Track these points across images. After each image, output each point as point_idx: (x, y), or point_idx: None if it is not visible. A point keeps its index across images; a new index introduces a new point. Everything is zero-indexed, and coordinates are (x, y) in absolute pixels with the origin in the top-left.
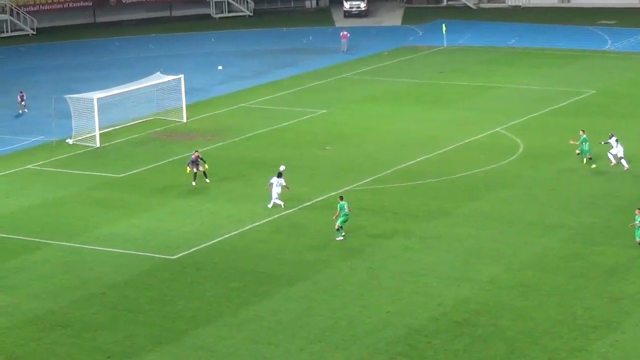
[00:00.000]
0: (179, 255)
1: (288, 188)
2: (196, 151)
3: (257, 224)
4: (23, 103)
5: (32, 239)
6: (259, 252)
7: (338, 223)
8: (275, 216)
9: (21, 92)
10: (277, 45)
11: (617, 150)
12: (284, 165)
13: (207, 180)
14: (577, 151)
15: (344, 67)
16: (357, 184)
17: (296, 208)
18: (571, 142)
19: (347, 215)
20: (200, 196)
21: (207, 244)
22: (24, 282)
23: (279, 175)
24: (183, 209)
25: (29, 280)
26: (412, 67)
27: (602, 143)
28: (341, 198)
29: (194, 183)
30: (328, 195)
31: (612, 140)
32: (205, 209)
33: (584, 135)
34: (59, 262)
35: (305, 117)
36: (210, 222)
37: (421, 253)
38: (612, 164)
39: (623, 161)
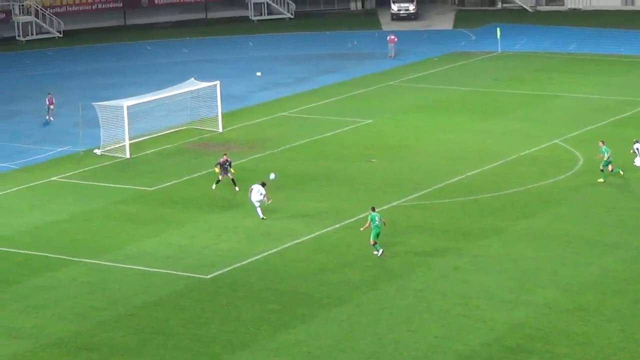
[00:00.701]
0: (213, 275)
1: (268, 200)
2: (225, 154)
3: (297, 241)
4: (52, 107)
5: (57, 256)
6: (298, 271)
7: (372, 238)
8: (317, 233)
9: (50, 94)
10: (320, 50)
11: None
12: (274, 174)
13: (237, 189)
14: (602, 167)
15: (391, 73)
16: (404, 200)
17: (339, 225)
18: (598, 157)
19: (379, 227)
20: (237, 211)
21: (244, 262)
22: (49, 302)
23: (263, 184)
24: (218, 225)
25: (53, 301)
26: (463, 74)
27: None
28: (373, 209)
29: (213, 186)
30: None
31: (637, 147)
32: (242, 225)
33: (604, 146)
34: (85, 281)
35: (349, 128)
36: (247, 240)
37: (473, 274)
38: None
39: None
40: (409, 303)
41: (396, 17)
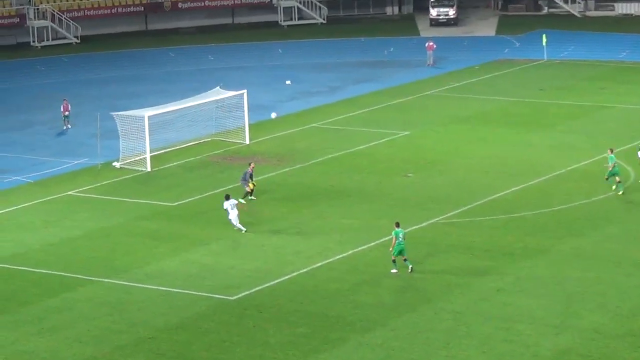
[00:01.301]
0: (239, 296)
1: (243, 204)
2: (251, 163)
3: (328, 260)
4: (67, 113)
5: (73, 275)
6: (330, 293)
7: (393, 254)
8: (350, 252)
9: (65, 100)
10: (354, 57)
11: None
12: (275, 113)
13: (254, 198)
14: (612, 178)
15: (430, 82)
16: (443, 217)
17: (373, 243)
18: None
19: (402, 244)
20: (265, 228)
21: (272, 283)
22: (64, 324)
23: (227, 197)
24: (244, 243)
25: (69, 322)
26: (507, 83)
27: None
28: (397, 224)
29: (242, 200)
30: (410, 228)
31: None
32: (270, 243)
33: (612, 154)
34: (103, 302)
35: (384, 140)
36: (276, 259)
37: (515, 296)
38: None
39: None
40: (447, 327)
41: (435, 23)
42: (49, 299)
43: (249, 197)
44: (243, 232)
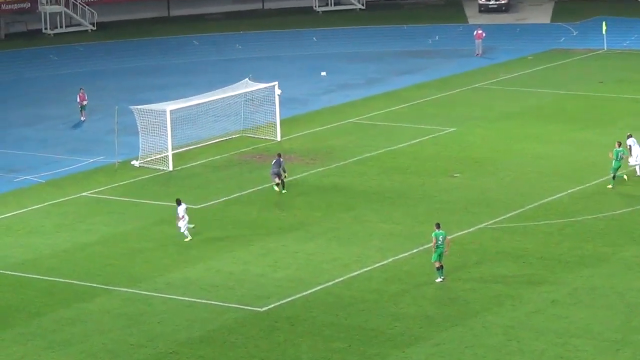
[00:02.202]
0: (269, 307)
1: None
2: (279, 154)
3: (367, 269)
4: (84, 103)
5: (87, 284)
6: (369, 304)
7: (434, 259)
8: (390, 260)
9: (82, 89)
10: (395, 46)
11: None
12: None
13: (284, 190)
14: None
15: (478, 74)
16: (492, 221)
17: (416, 250)
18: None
19: (442, 247)
20: (297, 234)
21: (304, 293)
22: (78, 337)
23: (179, 202)
24: (275, 250)
25: (83, 336)
26: (563, 75)
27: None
28: (437, 226)
29: (278, 189)
30: (456, 234)
31: (631, 142)
32: (303, 250)
33: (620, 148)
34: (120, 313)
35: (428, 137)
36: (309, 267)
37: (572, 308)
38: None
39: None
40: (496, 342)
41: (485, 9)
42: (61, 309)
43: (282, 190)
44: (187, 240)
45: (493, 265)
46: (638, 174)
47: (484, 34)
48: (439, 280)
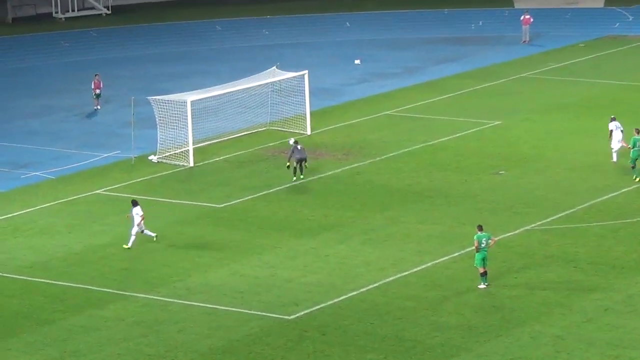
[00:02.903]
0: (297, 315)
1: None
2: (295, 140)
3: (404, 274)
4: (98, 91)
5: (101, 289)
6: (406, 312)
7: (476, 264)
8: (429, 264)
9: (97, 75)
10: (435, 32)
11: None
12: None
13: (301, 176)
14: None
15: (525, 63)
16: (540, 223)
17: (457, 254)
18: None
19: (486, 251)
20: (328, 235)
21: (336, 300)
22: (90, 346)
23: (134, 203)
24: (304, 253)
25: (96, 345)
26: (617, 64)
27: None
28: (480, 228)
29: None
30: (501, 236)
31: (613, 126)
32: (335, 252)
33: (638, 136)
34: (137, 321)
35: (471, 131)
36: (341, 271)
37: (626, 317)
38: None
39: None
40: (544, 354)
41: None
42: (73, 317)
43: (300, 176)
44: (128, 246)
45: (541, 271)
46: (614, 159)
47: (531, 19)
48: (482, 286)
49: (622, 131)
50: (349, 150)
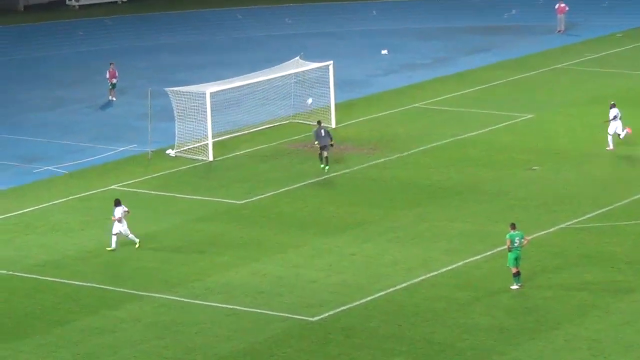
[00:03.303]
0: (321, 317)
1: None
2: (319, 121)
3: (433, 274)
4: (114, 81)
5: (116, 289)
6: (435, 314)
7: (509, 264)
8: (459, 264)
9: (112, 64)
10: (466, 21)
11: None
12: (311, 99)
13: (327, 167)
14: None
15: (560, 53)
16: (575, 221)
17: (489, 253)
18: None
19: (519, 250)
20: (354, 234)
21: (362, 301)
22: (104, 349)
23: (117, 203)
24: (329, 251)
25: (110, 347)
26: None
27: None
28: (513, 226)
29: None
30: (535, 235)
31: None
32: (361, 251)
33: None
34: (153, 322)
35: (503, 124)
36: (367, 270)
37: None
38: (609, 148)
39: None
40: (580, 357)
41: None
42: (86, 317)
43: (326, 167)
44: (111, 248)
45: (576, 271)
46: (611, 147)
47: (567, 8)
48: (515, 287)
49: (620, 118)
50: (376, 145)
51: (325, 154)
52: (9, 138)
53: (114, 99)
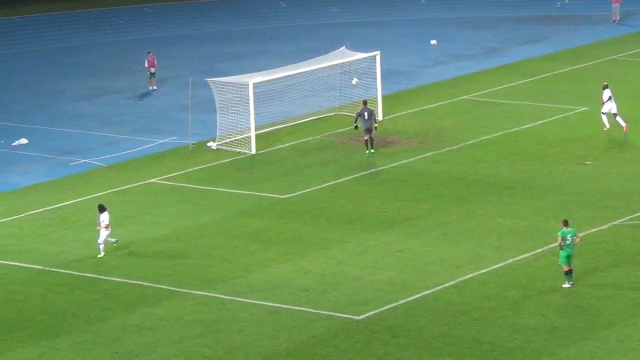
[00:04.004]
0: (367, 315)
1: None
2: (364, 101)
3: (482, 271)
4: (153, 70)
5: (156, 286)
6: (484, 313)
7: (561, 262)
8: (510, 261)
9: (150, 52)
10: (517, 10)
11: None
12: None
13: (372, 150)
14: None
15: (616, 44)
16: (631, 217)
17: (540, 250)
18: None
19: (571, 248)
20: (401, 230)
21: (409, 299)
22: (144, 347)
23: (102, 209)
24: (375, 248)
25: (150, 345)
26: None
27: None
28: (565, 223)
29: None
30: (587, 232)
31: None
32: (408, 248)
33: None
34: (193, 320)
35: (555, 117)
36: (415, 268)
37: None
38: (606, 128)
39: (619, 119)
40: (634, 358)
41: None
42: (125, 315)
43: (370, 150)
44: (101, 255)
45: (631, 269)
46: (607, 126)
47: None
48: (566, 285)
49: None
50: (424, 138)
51: (367, 137)
52: (46, 129)
53: (155, 88)
